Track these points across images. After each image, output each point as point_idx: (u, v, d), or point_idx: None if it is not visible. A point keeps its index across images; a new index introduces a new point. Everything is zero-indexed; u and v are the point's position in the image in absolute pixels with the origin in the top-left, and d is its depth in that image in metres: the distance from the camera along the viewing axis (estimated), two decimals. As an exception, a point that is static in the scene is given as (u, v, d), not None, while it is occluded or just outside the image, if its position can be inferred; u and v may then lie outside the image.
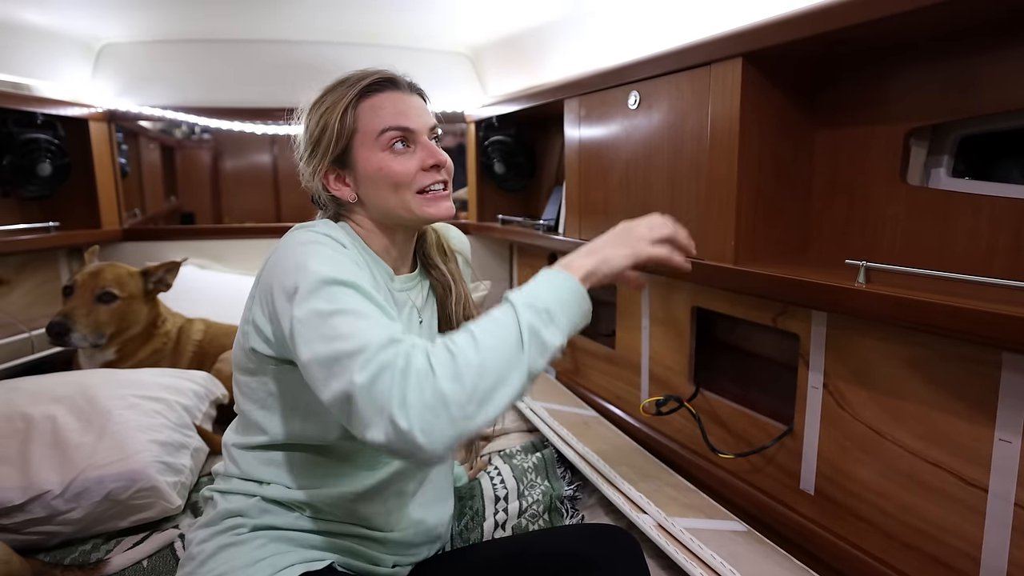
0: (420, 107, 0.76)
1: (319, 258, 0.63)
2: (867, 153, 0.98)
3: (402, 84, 0.76)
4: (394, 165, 0.73)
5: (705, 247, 1.08)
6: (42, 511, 1.00)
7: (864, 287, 0.83)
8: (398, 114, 0.73)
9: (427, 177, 0.74)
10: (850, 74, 1.00)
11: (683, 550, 0.94)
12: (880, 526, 0.96)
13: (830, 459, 1.03)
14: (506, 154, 1.93)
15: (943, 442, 0.86)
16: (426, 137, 0.75)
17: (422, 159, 0.74)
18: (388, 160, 0.73)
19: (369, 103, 0.73)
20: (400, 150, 0.73)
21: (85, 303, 1.39)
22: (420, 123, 0.75)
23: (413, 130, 0.74)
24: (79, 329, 1.37)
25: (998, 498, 0.80)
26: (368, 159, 0.73)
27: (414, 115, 0.74)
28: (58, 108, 1.71)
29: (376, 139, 0.72)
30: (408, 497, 0.79)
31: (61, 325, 1.35)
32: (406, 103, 0.75)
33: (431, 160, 0.74)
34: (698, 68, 1.04)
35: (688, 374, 1.35)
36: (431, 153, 0.75)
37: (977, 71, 0.83)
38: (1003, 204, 0.81)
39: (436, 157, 0.75)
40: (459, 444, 0.55)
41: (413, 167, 0.74)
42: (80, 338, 1.38)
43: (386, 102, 0.74)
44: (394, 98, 0.74)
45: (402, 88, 0.76)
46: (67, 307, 1.38)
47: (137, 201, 2.16)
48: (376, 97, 0.74)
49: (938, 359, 0.86)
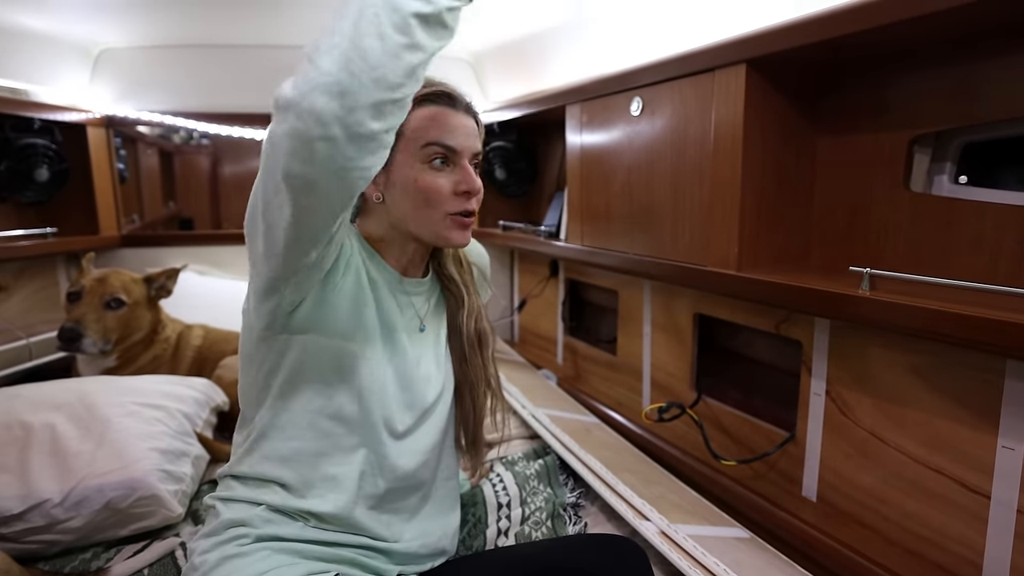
0: (470, 130, 0.75)
1: None
2: (870, 160, 0.99)
3: (459, 103, 0.76)
4: (429, 180, 0.72)
5: (708, 253, 1.08)
6: (41, 520, 0.99)
7: (868, 294, 0.83)
8: (447, 131, 0.73)
9: (457, 203, 0.74)
10: (853, 81, 1.00)
11: (686, 557, 0.94)
12: (883, 533, 0.96)
13: (833, 466, 1.03)
14: (507, 160, 1.93)
15: (946, 449, 0.86)
16: (467, 161, 0.75)
17: (456, 182, 0.74)
18: (424, 174, 0.72)
19: (423, 112, 0.73)
20: (438, 167, 0.73)
21: (94, 309, 1.40)
22: (466, 145, 0.74)
23: (457, 151, 0.73)
24: (90, 335, 1.38)
25: (1001, 505, 0.80)
26: (405, 166, 0.73)
27: (462, 136, 0.74)
28: (56, 113, 1.70)
29: (419, 149, 0.72)
30: (413, 509, 0.79)
31: (73, 331, 1.36)
32: (458, 122, 0.74)
33: (464, 185, 0.74)
34: (701, 74, 1.04)
35: (690, 380, 1.35)
36: (467, 178, 0.74)
37: (981, 78, 0.83)
38: (1007, 211, 0.81)
39: (471, 184, 0.74)
40: (333, 91, 0.52)
41: (448, 187, 0.73)
42: (91, 344, 1.38)
43: (440, 116, 0.73)
44: (448, 115, 0.74)
45: (459, 107, 0.75)
46: (77, 313, 1.38)
47: (135, 207, 2.15)
48: (431, 108, 0.73)
49: (942, 366, 0.86)
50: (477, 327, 0.84)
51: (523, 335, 2.24)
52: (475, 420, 0.87)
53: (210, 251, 2.10)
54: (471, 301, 0.84)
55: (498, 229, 1.96)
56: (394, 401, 0.76)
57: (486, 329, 0.86)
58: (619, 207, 1.32)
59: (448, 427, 0.84)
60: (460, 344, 0.84)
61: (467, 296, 0.84)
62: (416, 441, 0.78)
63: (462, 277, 0.85)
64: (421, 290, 0.82)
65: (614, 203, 1.33)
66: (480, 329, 0.85)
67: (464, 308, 0.84)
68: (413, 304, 0.80)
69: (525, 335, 2.22)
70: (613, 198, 1.34)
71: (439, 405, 0.82)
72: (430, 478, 0.81)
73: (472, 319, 0.84)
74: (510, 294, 2.27)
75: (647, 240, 1.24)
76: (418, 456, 0.78)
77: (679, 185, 1.14)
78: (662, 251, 1.20)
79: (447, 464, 0.85)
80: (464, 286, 0.85)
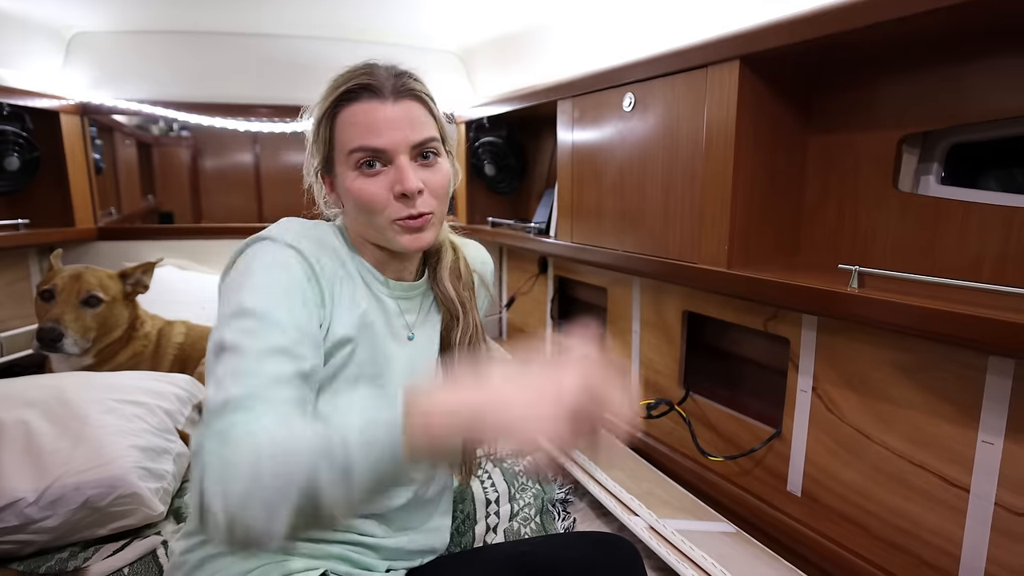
0: (400, 119, 0.65)
1: (254, 286, 0.59)
2: (859, 159, 1.00)
3: (383, 90, 0.65)
4: (361, 187, 0.65)
5: (698, 251, 1.08)
6: (15, 519, 0.96)
7: (857, 292, 0.84)
8: (367, 131, 0.64)
9: (398, 208, 0.66)
10: (844, 80, 1.01)
11: (674, 551, 0.95)
12: (866, 526, 0.98)
13: (817, 462, 1.05)
14: (497, 156, 1.91)
15: (929, 444, 0.88)
16: (404, 157, 0.65)
17: (391, 184, 0.65)
18: (357, 182, 0.66)
19: (344, 115, 0.66)
20: (369, 171, 0.65)
21: (72, 308, 1.35)
22: (394, 141, 0.64)
23: (383, 150, 0.65)
24: (70, 335, 1.33)
25: (979, 498, 0.82)
26: (342, 176, 0.67)
27: (387, 132, 0.64)
28: (26, 99, 1.63)
29: (347, 156, 0.66)
30: (403, 508, 0.78)
31: (54, 331, 1.31)
32: (381, 116, 0.64)
33: (398, 187, 0.65)
34: (694, 70, 1.05)
35: (678, 378, 1.36)
36: (400, 178, 0.64)
37: (968, 79, 0.85)
38: (991, 211, 0.83)
39: (405, 184, 0.64)
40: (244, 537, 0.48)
41: (383, 191, 0.65)
42: (71, 344, 1.34)
43: (359, 115, 0.65)
44: (369, 110, 0.64)
45: (385, 95, 0.65)
46: (55, 312, 1.34)
47: (112, 199, 2.08)
48: (351, 108, 0.65)
49: (926, 363, 0.88)
50: (472, 346, 0.78)
51: (512, 332, 2.23)
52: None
53: (190, 245, 2.05)
54: (467, 320, 0.77)
55: (487, 226, 1.95)
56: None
57: (481, 348, 0.80)
58: (610, 204, 1.32)
59: None
60: (452, 362, 0.79)
61: (463, 314, 0.77)
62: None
63: (459, 294, 0.78)
64: (412, 294, 0.77)
65: (605, 200, 1.33)
66: (475, 348, 0.79)
67: (459, 327, 0.77)
68: (402, 310, 0.75)
69: (514, 332, 2.22)
70: (604, 195, 1.33)
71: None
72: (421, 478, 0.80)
73: (467, 338, 0.77)
74: (499, 291, 2.26)
75: (638, 237, 1.24)
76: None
77: (670, 182, 1.14)
78: (653, 248, 1.20)
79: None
80: (461, 303, 0.78)
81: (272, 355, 0.56)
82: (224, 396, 0.52)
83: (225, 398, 0.52)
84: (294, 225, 0.67)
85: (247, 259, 0.63)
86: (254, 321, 0.57)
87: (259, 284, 0.60)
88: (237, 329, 0.57)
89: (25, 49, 1.66)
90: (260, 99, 1.96)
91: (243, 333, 0.56)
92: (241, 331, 0.56)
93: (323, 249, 0.67)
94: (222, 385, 0.53)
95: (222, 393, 0.53)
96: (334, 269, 0.67)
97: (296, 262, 0.63)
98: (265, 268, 0.61)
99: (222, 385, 0.53)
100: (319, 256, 0.65)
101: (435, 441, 0.48)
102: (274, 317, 0.58)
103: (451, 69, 2.03)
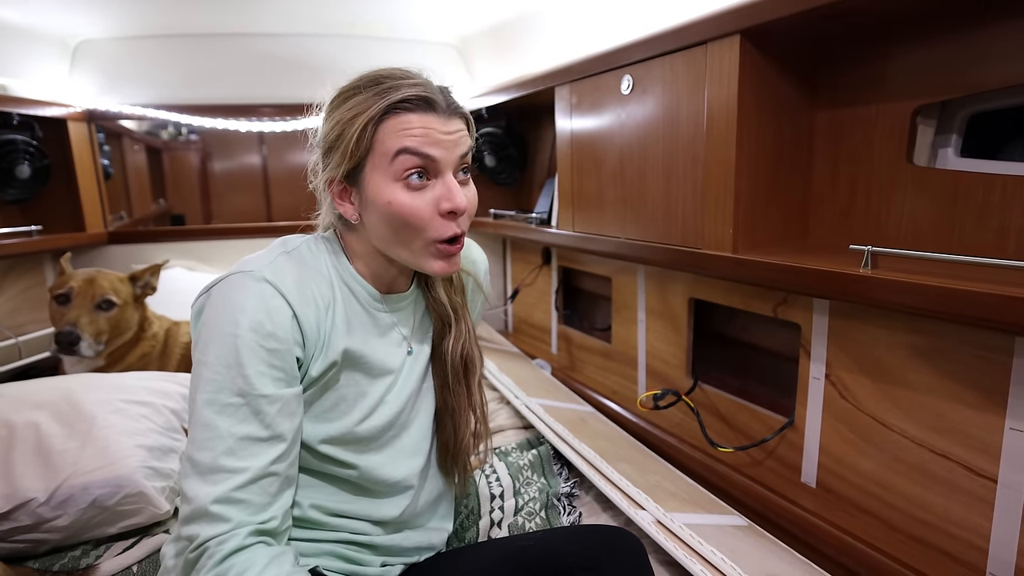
0: (455, 134, 0.64)
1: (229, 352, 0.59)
2: (871, 134, 0.95)
3: (439, 105, 0.63)
4: (405, 201, 0.62)
5: (703, 236, 1.05)
6: (28, 519, 0.98)
7: (869, 273, 0.79)
8: (424, 140, 0.62)
9: (442, 227, 0.64)
10: (853, 51, 0.96)
11: (683, 546, 0.92)
12: (884, 519, 0.93)
13: (832, 451, 1.01)
14: (497, 146, 1.89)
15: (951, 432, 0.84)
16: (451, 173, 0.64)
17: (438, 200, 0.63)
18: (399, 195, 0.62)
19: (394, 122, 0.62)
20: (416, 184, 0.62)
21: (87, 311, 1.39)
22: (448, 155, 0.63)
23: (436, 160, 0.62)
24: (86, 337, 1.37)
25: (1008, 488, 0.78)
26: (378, 187, 0.63)
27: (444, 144, 0.62)
28: (35, 108, 1.66)
29: (391, 162, 0.62)
30: (400, 518, 0.76)
31: (72, 334, 1.35)
32: (439, 128, 0.62)
33: (447, 204, 0.63)
34: (693, 48, 1.00)
35: (686, 367, 1.32)
36: (449, 195, 0.63)
37: (988, 44, 0.79)
38: (1015, 183, 0.77)
39: (455, 201, 0.63)
40: None
41: (428, 208, 0.63)
42: (87, 347, 1.37)
43: (415, 124, 0.62)
44: (425, 120, 0.62)
45: (439, 110, 0.63)
46: (71, 315, 1.37)
47: (122, 204, 2.12)
48: (404, 116, 0.62)
49: (946, 346, 0.83)
50: (464, 353, 0.76)
51: (517, 325, 2.21)
52: (455, 447, 0.79)
53: (200, 246, 2.08)
54: (459, 327, 0.76)
55: (489, 217, 1.93)
56: (368, 422, 0.71)
57: (474, 355, 0.78)
58: (611, 191, 1.28)
59: (433, 432, 0.80)
60: (443, 371, 0.77)
61: (455, 322, 0.76)
62: (398, 450, 0.75)
63: (451, 299, 0.76)
64: (404, 305, 0.75)
65: (606, 187, 1.30)
66: (467, 355, 0.77)
67: (451, 334, 0.75)
68: (397, 323, 0.74)
69: (519, 325, 2.20)
70: (605, 182, 1.30)
71: (418, 415, 0.77)
72: (418, 479, 0.78)
73: (459, 344, 0.76)
74: (503, 283, 2.24)
75: (640, 224, 1.20)
76: (403, 462, 0.74)
77: (672, 165, 1.10)
78: (656, 235, 1.16)
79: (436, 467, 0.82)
80: (453, 309, 0.76)
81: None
82: (191, 498, 0.58)
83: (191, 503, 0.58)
84: (268, 269, 0.63)
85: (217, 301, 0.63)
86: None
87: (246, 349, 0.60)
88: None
89: (32, 58, 1.69)
90: (261, 98, 1.97)
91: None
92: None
93: (307, 276, 0.65)
94: (188, 492, 0.59)
95: (189, 493, 0.59)
96: (320, 294, 0.66)
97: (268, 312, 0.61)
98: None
99: (188, 492, 0.59)
100: (302, 290, 0.64)
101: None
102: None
103: (449, 61, 2.00)
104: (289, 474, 0.63)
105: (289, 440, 0.62)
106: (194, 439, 0.59)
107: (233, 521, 0.57)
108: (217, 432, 0.58)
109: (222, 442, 0.58)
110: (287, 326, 0.61)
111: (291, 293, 0.62)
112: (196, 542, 0.56)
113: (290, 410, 0.62)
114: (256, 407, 0.59)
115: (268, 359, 0.60)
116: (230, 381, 0.58)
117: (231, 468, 0.58)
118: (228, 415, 0.58)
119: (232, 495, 0.57)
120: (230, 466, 0.58)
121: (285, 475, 0.62)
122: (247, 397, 0.59)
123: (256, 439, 0.59)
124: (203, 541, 0.56)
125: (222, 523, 0.57)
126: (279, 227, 2.12)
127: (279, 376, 0.61)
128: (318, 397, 0.67)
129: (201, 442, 0.58)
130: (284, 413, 0.61)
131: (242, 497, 0.58)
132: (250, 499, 0.58)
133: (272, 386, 0.60)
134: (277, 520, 0.61)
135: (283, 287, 0.62)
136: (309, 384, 0.65)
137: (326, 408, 0.68)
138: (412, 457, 0.76)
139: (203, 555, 0.56)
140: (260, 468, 0.59)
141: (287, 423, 0.62)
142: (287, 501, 0.63)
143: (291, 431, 0.62)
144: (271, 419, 0.60)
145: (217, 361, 0.59)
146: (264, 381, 0.59)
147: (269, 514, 0.60)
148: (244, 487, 0.58)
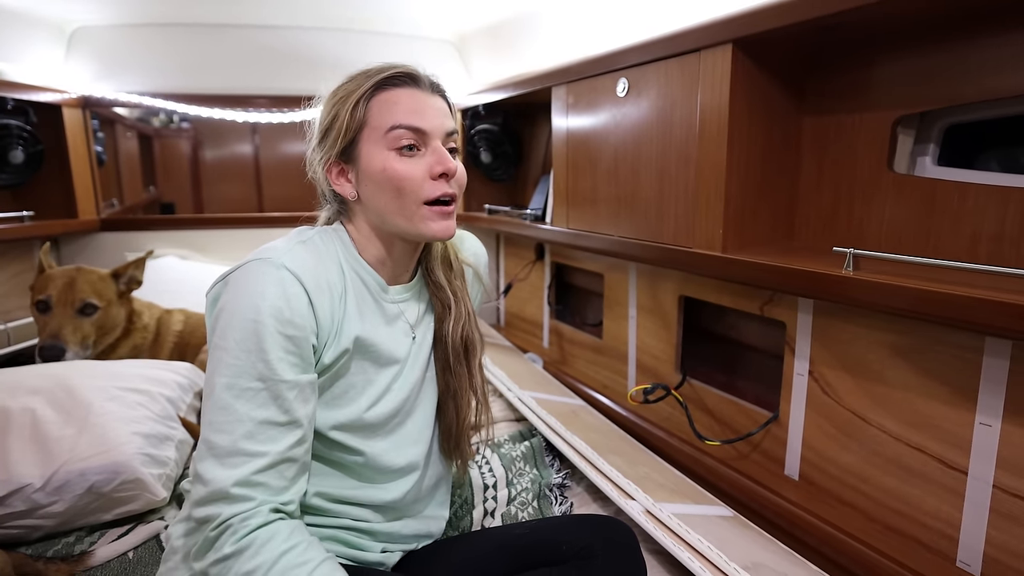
0: (439, 109, 0.70)
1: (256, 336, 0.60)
2: (855, 141, 0.99)
3: (423, 82, 0.70)
4: (398, 167, 0.67)
5: (693, 235, 1.08)
6: (23, 505, 0.98)
7: (852, 274, 0.83)
8: (412, 112, 0.68)
9: (434, 187, 0.68)
10: (839, 61, 1.00)
11: (671, 535, 0.95)
12: (863, 509, 0.97)
13: (814, 445, 1.05)
14: (493, 143, 1.91)
15: (926, 427, 0.88)
16: (439, 142, 0.69)
17: (430, 165, 0.68)
18: (393, 161, 0.67)
19: (384, 96, 0.68)
20: (408, 152, 0.68)
21: (69, 319, 1.35)
22: (435, 125, 0.69)
23: (426, 131, 0.68)
24: (71, 347, 1.33)
25: (977, 480, 0.82)
26: (372, 156, 0.68)
27: (430, 115, 0.68)
28: (29, 93, 1.65)
29: (384, 136, 0.67)
30: (401, 501, 0.78)
31: (55, 347, 1.31)
32: (424, 102, 0.69)
33: (439, 167, 0.68)
34: (688, 55, 1.03)
35: (675, 363, 1.35)
36: (440, 159, 0.68)
37: (965, 59, 0.83)
38: (987, 192, 0.82)
39: (445, 165, 0.68)
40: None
41: (420, 172, 0.68)
42: (73, 355, 1.35)
43: (402, 97, 0.68)
44: (412, 95, 0.69)
45: (422, 86, 0.70)
46: (53, 326, 1.33)
47: (114, 191, 2.10)
48: (392, 91, 0.68)
49: (923, 345, 0.87)
50: (464, 335, 0.79)
51: (509, 319, 2.24)
52: (458, 430, 0.82)
53: (192, 235, 2.07)
54: (458, 308, 0.78)
55: (484, 213, 1.94)
56: (376, 409, 0.73)
57: (474, 337, 0.80)
58: (605, 190, 1.31)
59: (435, 419, 0.82)
60: (444, 353, 0.79)
61: (454, 303, 0.78)
62: (402, 437, 0.77)
63: (451, 283, 0.79)
64: (409, 296, 0.78)
65: (600, 186, 1.32)
66: (467, 337, 0.79)
67: (451, 316, 0.78)
68: (403, 312, 0.76)
69: (511, 319, 2.22)
70: (599, 181, 1.33)
71: (421, 403, 0.79)
72: (421, 465, 0.80)
73: (459, 326, 0.78)
74: (496, 278, 2.26)
75: (633, 222, 1.23)
76: (407, 449, 0.77)
77: (665, 167, 1.13)
78: (648, 233, 1.19)
79: (438, 453, 0.84)
80: (452, 292, 0.79)
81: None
82: (208, 480, 0.60)
83: (210, 483, 0.60)
84: (286, 255, 0.65)
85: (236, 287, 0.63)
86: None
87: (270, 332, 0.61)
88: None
89: (28, 44, 1.68)
90: (257, 89, 1.97)
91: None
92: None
93: (322, 265, 0.68)
94: (203, 474, 0.61)
95: (205, 474, 0.60)
96: (334, 282, 0.68)
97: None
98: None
99: (203, 474, 0.61)
100: (317, 279, 0.66)
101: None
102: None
103: (446, 57, 2.01)
104: (305, 460, 0.64)
105: (305, 426, 0.63)
106: (212, 422, 0.60)
107: (257, 500, 0.58)
108: (236, 415, 0.59)
109: (241, 426, 0.59)
110: (305, 313, 0.63)
111: (308, 281, 0.64)
112: (218, 520, 0.58)
113: (306, 396, 0.64)
114: (276, 392, 0.60)
115: (287, 345, 0.61)
116: (250, 366, 0.60)
117: (251, 452, 0.59)
118: (247, 399, 0.60)
119: (252, 478, 0.59)
120: (250, 449, 0.59)
121: (302, 461, 0.64)
122: (267, 382, 0.60)
123: (275, 424, 0.60)
124: (226, 518, 0.57)
125: (245, 502, 0.58)
126: (271, 217, 2.11)
127: (297, 362, 0.62)
128: (329, 384, 0.69)
129: (220, 425, 0.59)
130: (301, 399, 0.63)
131: (262, 480, 0.59)
132: (269, 482, 0.60)
133: (291, 372, 0.61)
134: (294, 504, 0.62)
135: (301, 275, 0.64)
136: (322, 371, 0.67)
137: (336, 395, 0.70)
138: (416, 444, 0.78)
139: (226, 531, 0.57)
140: (279, 453, 0.60)
141: (304, 409, 0.63)
142: (302, 487, 0.64)
143: (307, 417, 0.64)
144: (290, 404, 0.61)
145: (237, 346, 0.60)
146: (284, 367, 0.61)
147: (288, 496, 0.61)
148: (264, 471, 0.59)
